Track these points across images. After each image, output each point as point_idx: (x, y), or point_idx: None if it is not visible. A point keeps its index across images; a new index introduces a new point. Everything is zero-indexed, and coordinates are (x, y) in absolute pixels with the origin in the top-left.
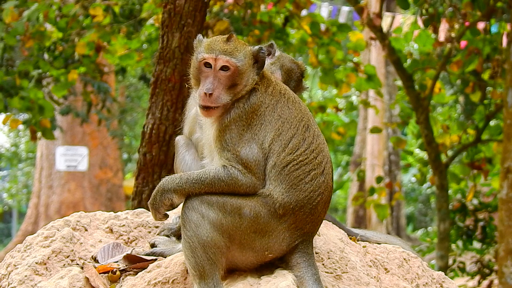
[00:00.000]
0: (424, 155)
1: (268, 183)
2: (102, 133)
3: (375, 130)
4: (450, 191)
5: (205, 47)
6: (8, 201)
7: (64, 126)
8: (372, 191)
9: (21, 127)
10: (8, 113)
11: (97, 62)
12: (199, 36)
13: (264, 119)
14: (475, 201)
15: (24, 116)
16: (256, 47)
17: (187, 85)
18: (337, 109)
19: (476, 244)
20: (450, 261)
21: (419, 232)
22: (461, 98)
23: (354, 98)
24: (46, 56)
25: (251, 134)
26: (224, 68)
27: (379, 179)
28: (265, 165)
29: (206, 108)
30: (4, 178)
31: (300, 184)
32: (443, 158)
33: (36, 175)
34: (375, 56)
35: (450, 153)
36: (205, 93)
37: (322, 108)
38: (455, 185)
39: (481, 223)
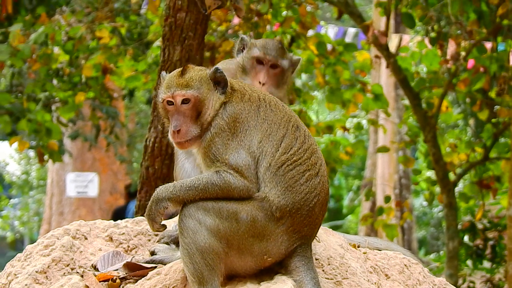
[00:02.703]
0: (432, 174)
1: (263, 186)
2: (112, 159)
3: (383, 149)
4: (459, 210)
5: (164, 87)
6: (19, 228)
7: (74, 153)
8: (381, 211)
9: (31, 154)
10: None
11: (106, 87)
12: (163, 73)
13: (248, 125)
14: (485, 220)
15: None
16: (212, 68)
17: (161, 127)
18: (345, 129)
19: (486, 264)
20: (460, 281)
21: (432, 256)
22: (471, 121)
23: (364, 123)
24: (55, 81)
25: (237, 142)
26: (184, 101)
27: (387, 199)
28: (256, 169)
29: (179, 143)
30: (16, 206)
31: (296, 185)
32: (452, 176)
33: (46, 202)
34: (384, 80)
35: (458, 171)
36: (174, 131)
37: (330, 128)
38: (464, 204)
39: (490, 242)
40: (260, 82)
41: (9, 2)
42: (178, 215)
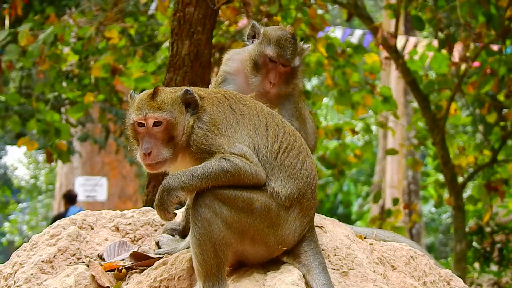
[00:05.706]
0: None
1: (267, 180)
2: (121, 163)
3: (391, 152)
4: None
5: (134, 109)
6: (28, 233)
7: (83, 156)
8: (389, 213)
9: (40, 158)
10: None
11: (116, 90)
12: (131, 92)
13: (230, 124)
14: (493, 223)
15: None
16: (182, 90)
17: (129, 148)
18: (354, 132)
19: (493, 267)
20: (467, 284)
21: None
22: (481, 127)
23: (373, 128)
24: (64, 83)
25: (226, 139)
26: (156, 123)
27: (395, 201)
28: (258, 159)
29: (150, 165)
30: (24, 210)
31: (295, 171)
32: (460, 179)
33: (55, 205)
34: (394, 85)
35: (466, 174)
36: (144, 153)
37: (338, 131)
38: (472, 206)
39: (498, 245)
40: (271, 82)
41: (19, 4)
42: (187, 205)
